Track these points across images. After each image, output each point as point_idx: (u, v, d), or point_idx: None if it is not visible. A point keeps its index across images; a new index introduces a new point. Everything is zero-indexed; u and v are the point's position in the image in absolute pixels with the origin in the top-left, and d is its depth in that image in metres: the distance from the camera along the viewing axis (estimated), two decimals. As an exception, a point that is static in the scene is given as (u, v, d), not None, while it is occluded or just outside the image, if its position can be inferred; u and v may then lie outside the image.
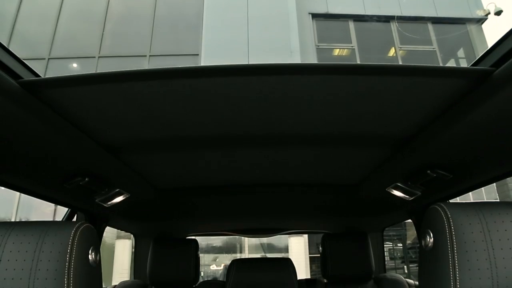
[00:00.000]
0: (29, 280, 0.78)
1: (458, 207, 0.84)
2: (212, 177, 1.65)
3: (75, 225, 0.84)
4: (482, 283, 0.79)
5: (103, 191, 1.50)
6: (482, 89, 0.83)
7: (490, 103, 0.83)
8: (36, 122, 0.91)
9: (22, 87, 0.81)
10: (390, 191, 1.60)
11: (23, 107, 0.84)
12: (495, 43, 0.79)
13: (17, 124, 0.90)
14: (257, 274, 2.08)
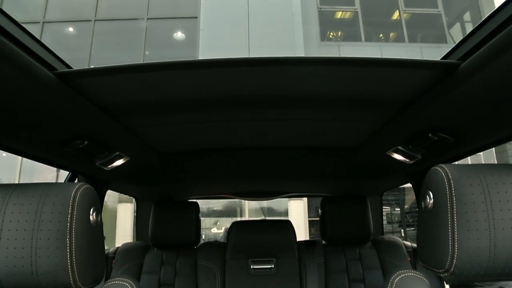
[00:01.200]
0: (32, 240, 0.78)
1: (459, 169, 0.84)
2: (212, 141, 1.65)
3: (75, 186, 0.84)
4: (480, 244, 0.79)
5: (103, 154, 1.50)
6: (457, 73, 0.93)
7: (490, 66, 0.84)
8: (37, 88, 0.91)
9: None
10: (390, 155, 1.60)
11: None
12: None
13: (21, 90, 0.90)
14: (257, 235, 2.12)
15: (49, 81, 0.92)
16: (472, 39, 0.88)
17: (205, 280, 1.97)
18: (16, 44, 0.78)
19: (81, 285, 0.82)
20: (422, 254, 0.93)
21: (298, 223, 2.64)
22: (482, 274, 0.82)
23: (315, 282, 1.94)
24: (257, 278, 2.00)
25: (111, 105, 1.19)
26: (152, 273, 1.99)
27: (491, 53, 0.82)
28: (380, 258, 2.02)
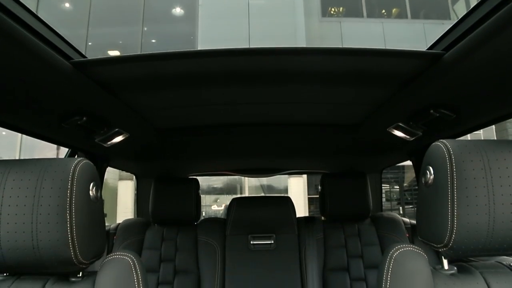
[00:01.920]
0: (32, 215, 0.79)
1: (461, 144, 0.83)
2: (211, 117, 1.64)
3: (74, 161, 0.84)
4: (479, 219, 0.80)
5: (102, 130, 1.49)
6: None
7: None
8: (35, 64, 0.90)
9: None
10: (391, 131, 1.60)
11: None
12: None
13: (18, 66, 0.90)
14: (256, 211, 2.13)
15: (47, 57, 0.91)
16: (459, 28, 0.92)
17: (205, 256, 2.00)
18: (13, 19, 0.77)
19: (82, 259, 0.83)
20: (421, 229, 0.94)
21: (297, 200, 2.66)
22: (480, 249, 0.83)
23: (314, 258, 1.97)
24: (257, 254, 2.02)
25: (110, 81, 1.17)
26: (153, 249, 2.02)
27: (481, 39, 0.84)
28: (379, 234, 2.04)
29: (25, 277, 0.90)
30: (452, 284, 0.86)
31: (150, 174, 2.54)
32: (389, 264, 0.88)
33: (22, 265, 0.81)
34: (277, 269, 1.97)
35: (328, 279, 1.94)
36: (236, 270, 1.97)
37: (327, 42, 10.31)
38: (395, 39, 10.01)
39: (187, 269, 1.97)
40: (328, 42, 10.24)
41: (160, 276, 1.96)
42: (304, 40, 9.83)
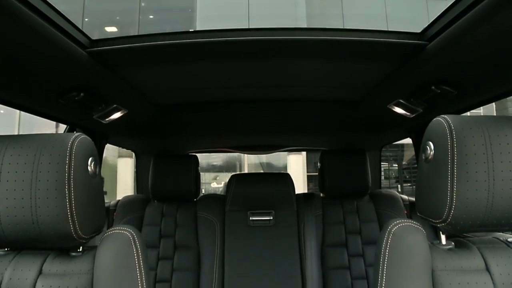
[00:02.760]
0: (31, 191, 0.79)
1: (462, 120, 0.83)
2: (210, 93, 1.62)
3: (72, 136, 0.83)
4: (478, 195, 0.80)
5: (100, 107, 1.48)
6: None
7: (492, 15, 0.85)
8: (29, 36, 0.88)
9: None
10: (391, 108, 1.59)
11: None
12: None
13: (12, 39, 0.88)
14: (256, 187, 2.14)
15: (42, 30, 0.89)
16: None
17: (205, 232, 2.02)
18: None
19: (82, 234, 0.83)
20: (420, 205, 0.94)
21: (296, 178, 2.67)
22: (478, 225, 0.83)
23: (313, 234, 1.99)
24: (256, 230, 2.04)
25: (107, 57, 1.16)
26: (153, 225, 2.04)
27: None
28: (377, 211, 2.06)
29: (26, 252, 0.91)
30: (449, 258, 0.87)
31: (149, 151, 2.54)
32: (387, 238, 0.88)
33: (23, 240, 0.82)
34: (276, 245, 1.99)
35: (327, 255, 1.96)
36: (236, 246, 1.99)
37: (328, 22, 10.17)
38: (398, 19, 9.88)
39: (187, 245, 1.99)
40: (330, 22, 10.11)
41: (161, 251, 1.98)
42: (305, 20, 9.69)
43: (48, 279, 0.85)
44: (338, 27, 1.16)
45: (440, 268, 0.85)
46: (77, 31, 1.03)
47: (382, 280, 0.85)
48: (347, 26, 1.62)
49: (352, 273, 1.92)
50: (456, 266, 0.86)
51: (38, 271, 0.87)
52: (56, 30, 0.94)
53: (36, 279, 0.85)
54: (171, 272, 1.94)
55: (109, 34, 10.08)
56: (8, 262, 0.88)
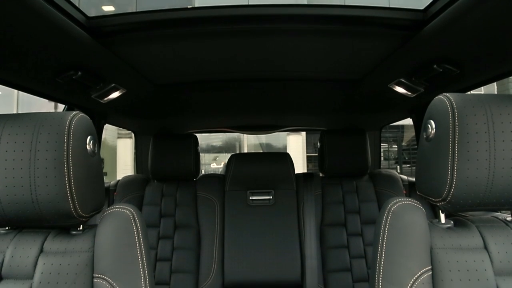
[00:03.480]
0: (30, 169, 0.78)
1: (464, 98, 0.82)
2: (210, 71, 1.60)
3: (70, 114, 0.83)
4: (479, 173, 0.80)
5: (98, 86, 1.47)
6: None
7: None
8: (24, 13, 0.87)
9: None
10: (392, 87, 1.57)
11: None
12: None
13: (7, 16, 0.87)
14: (255, 167, 2.14)
15: (37, 7, 0.87)
16: None
17: (205, 211, 2.03)
18: None
19: (81, 212, 0.83)
20: (419, 183, 0.94)
21: (296, 158, 2.67)
22: (477, 203, 0.83)
23: (312, 213, 2.00)
24: (256, 209, 2.05)
25: (105, 35, 1.14)
26: (153, 205, 2.05)
27: None
28: (377, 190, 2.07)
29: (26, 231, 0.91)
30: (448, 237, 0.87)
31: (148, 131, 2.53)
32: (387, 217, 0.89)
33: (23, 219, 0.82)
34: (276, 224, 2.01)
35: (326, 234, 1.98)
36: (235, 225, 2.01)
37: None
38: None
39: (187, 224, 2.01)
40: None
41: (161, 231, 2.00)
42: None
43: (49, 257, 0.86)
44: (339, 3, 1.14)
45: (439, 246, 0.86)
46: (73, 8, 1.01)
47: (381, 258, 0.86)
48: (348, 3, 1.59)
49: (350, 252, 1.94)
50: (455, 244, 0.86)
51: (39, 249, 0.87)
52: (52, 7, 0.92)
53: (37, 257, 0.86)
54: (171, 251, 1.96)
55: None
56: (9, 241, 0.88)
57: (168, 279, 1.91)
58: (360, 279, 1.89)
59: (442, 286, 0.82)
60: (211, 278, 1.90)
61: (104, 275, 0.83)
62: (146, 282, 0.86)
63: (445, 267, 0.83)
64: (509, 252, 0.85)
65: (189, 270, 1.92)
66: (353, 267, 1.92)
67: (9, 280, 0.85)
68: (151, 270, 0.89)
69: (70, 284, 0.83)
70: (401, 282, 0.82)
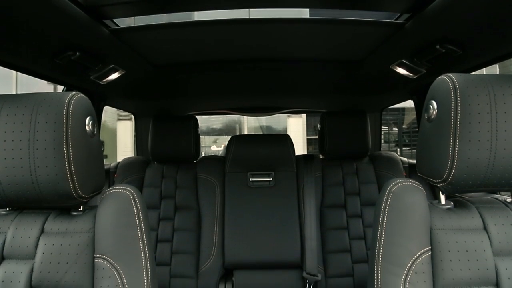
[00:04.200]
0: (29, 150, 0.78)
1: (467, 78, 0.81)
2: (210, 52, 1.58)
3: (69, 95, 0.82)
4: (480, 154, 0.79)
5: (96, 67, 1.45)
6: None
7: None
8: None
9: None
10: (394, 68, 1.56)
11: None
12: None
13: None
14: (256, 148, 2.14)
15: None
16: None
17: (205, 193, 2.04)
18: None
19: (82, 193, 0.83)
20: (420, 164, 0.94)
21: (296, 141, 2.66)
22: (478, 185, 0.83)
23: (312, 195, 2.00)
24: (256, 191, 2.06)
25: (102, 15, 1.12)
26: (153, 186, 2.05)
27: None
28: (377, 172, 2.07)
29: (27, 211, 0.92)
30: (448, 218, 0.87)
31: (148, 113, 2.52)
32: (387, 197, 0.89)
33: (23, 200, 0.82)
34: (276, 206, 2.01)
35: (326, 216, 1.99)
36: (236, 207, 2.02)
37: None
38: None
39: (187, 206, 2.02)
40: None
41: (161, 212, 2.01)
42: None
43: (50, 237, 0.86)
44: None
45: (439, 227, 0.86)
46: None
47: (381, 238, 0.86)
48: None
49: (350, 234, 1.96)
50: (455, 225, 0.86)
51: (40, 229, 0.87)
52: None
53: (38, 237, 0.86)
54: (172, 232, 1.97)
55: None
56: (10, 222, 0.89)
57: (169, 260, 1.93)
58: (359, 260, 1.91)
59: (441, 266, 0.83)
60: (212, 259, 1.91)
61: (105, 255, 0.84)
62: (147, 262, 0.86)
63: (444, 248, 0.84)
64: (508, 232, 0.85)
65: (190, 251, 1.94)
66: (353, 248, 1.93)
67: (11, 260, 0.86)
68: (151, 250, 0.89)
69: (72, 264, 0.83)
70: (400, 262, 0.83)
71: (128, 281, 0.83)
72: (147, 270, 0.86)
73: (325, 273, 1.89)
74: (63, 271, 0.83)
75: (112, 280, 0.82)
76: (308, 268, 1.88)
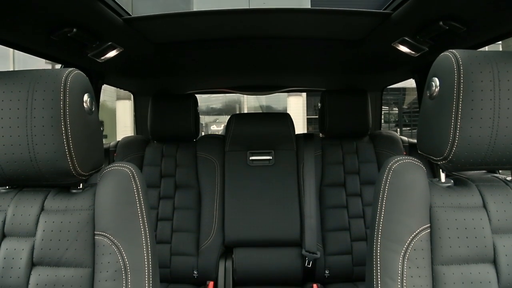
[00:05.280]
0: (27, 128, 0.77)
1: (471, 55, 0.80)
2: (210, 31, 1.56)
3: (65, 71, 0.80)
4: (482, 132, 0.79)
5: (94, 44, 1.43)
6: None
7: None
8: None
9: None
10: (395, 46, 1.54)
11: None
12: None
13: None
14: (256, 127, 2.13)
15: None
16: None
17: (205, 171, 2.04)
18: None
19: (81, 171, 0.83)
20: (421, 142, 0.93)
21: (296, 120, 2.64)
22: (479, 163, 0.83)
23: (312, 173, 2.01)
24: (256, 169, 2.06)
25: None
26: (153, 165, 2.05)
27: None
28: (377, 151, 2.06)
29: (27, 190, 0.92)
30: (447, 196, 0.87)
31: (147, 92, 2.50)
32: (387, 175, 0.88)
33: (22, 178, 0.82)
34: (276, 184, 2.02)
35: (325, 194, 2.00)
36: (235, 185, 2.02)
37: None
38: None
39: (187, 184, 2.02)
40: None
41: (161, 191, 2.02)
42: None
43: (51, 215, 0.86)
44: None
45: (438, 205, 0.86)
46: None
47: (381, 215, 0.87)
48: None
49: (349, 212, 1.97)
50: (454, 203, 0.87)
51: (40, 207, 0.88)
52: None
53: (38, 215, 0.87)
54: (172, 210, 1.98)
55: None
56: (10, 200, 0.89)
57: (170, 238, 1.94)
58: (358, 238, 1.93)
59: (440, 243, 0.83)
60: (212, 237, 1.93)
61: (105, 232, 0.84)
62: (147, 239, 0.87)
63: (443, 225, 0.84)
64: (507, 210, 0.86)
65: (190, 229, 1.96)
66: (352, 227, 1.95)
67: (12, 237, 0.86)
68: (151, 228, 0.90)
69: (72, 241, 0.84)
70: (399, 239, 0.83)
71: (129, 258, 0.83)
72: (147, 247, 0.86)
73: (324, 251, 1.92)
74: (64, 248, 0.84)
75: (113, 256, 0.83)
76: (307, 245, 1.90)
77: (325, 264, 1.90)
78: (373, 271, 0.86)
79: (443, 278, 0.82)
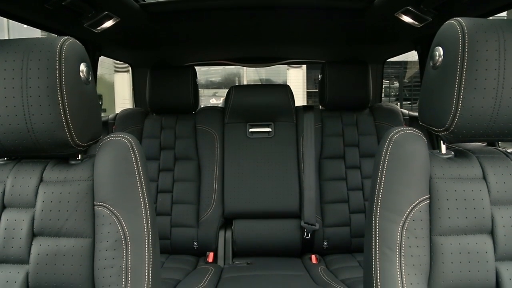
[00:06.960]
0: (22, 98, 0.76)
1: (476, 23, 0.77)
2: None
3: (60, 39, 0.78)
4: (485, 103, 0.77)
5: (89, 14, 1.40)
6: None
7: None
8: None
9: None
10: (398, 16, 1.50)
11: None
12: None
13: None
14: (255, 99, 2.11)
15: None
16: None
17: (204, 143, 2.04)
18: None
19: (79, 141, 0.82)
20: (422, 113, 0.92)
21: (296, 93, 2.61)
22: (481, 134, 0.82)
23: (312, 146, 2.00)
24: (255, 141, 2.06)
25: None
26: (153, 137, 2.05)
27: None
28: (376, 124, 2.05)
29: (25, 161, 0.91)
30: (448, 167, 0.87)
31: (145, 63, 2.47)
32: (388, 146, 0.88)
33: (20, 149, 0.81)
34: (275, 156, 2.02)
35: (324, 166, 2.00)
36: (235, 157, 2.03)
37: None
38: None
39: (187, 156, 2.02)
40: None
41: (161, 163, 2.02)
42: None
43: (50, 186, 0.86)
44: None
45: (438, 176, 0.86)
46: None
47: (380, 186, 0.86)
48: None
49: (348, 184, 1.98)
50: (454, 174, 0.86)
51: (39, 178, 0.87)
52: None
53: (37, 186, 0.86)
54: (172, 182, 1.99)
55: None
56: (8, 171, 0.88)
57: (170, 210, 1.96)
58: (357, 210, 1.94)
59: (438, 214, 0.83)
60: (211, 208, 1.95)
61: (105, 203, 0.84)
62: (147, 209, 0.87)
63: (443, 196, 0.84)
64: (507, 182, 0.86)
65: (190, 201, 1.97)
66: (350, 199, 1.96)
67: (12, 208, 0.86)
68: (151, 198, 0.90)
69: (72, 212, 0.84)
70: (398, 209, 0.84)
71: (128, 228, 0.84)
72: (147, 217, 0.86)
73: (322, 223, 1.93)
74: (64, 219, 0.84)
75: (113, 226, 0.83)
76: (306, 217, 1.92)
77: (324, 235, 1.93)
78: (371, 241, 0.86)
79: (441, 248, 0.83)
